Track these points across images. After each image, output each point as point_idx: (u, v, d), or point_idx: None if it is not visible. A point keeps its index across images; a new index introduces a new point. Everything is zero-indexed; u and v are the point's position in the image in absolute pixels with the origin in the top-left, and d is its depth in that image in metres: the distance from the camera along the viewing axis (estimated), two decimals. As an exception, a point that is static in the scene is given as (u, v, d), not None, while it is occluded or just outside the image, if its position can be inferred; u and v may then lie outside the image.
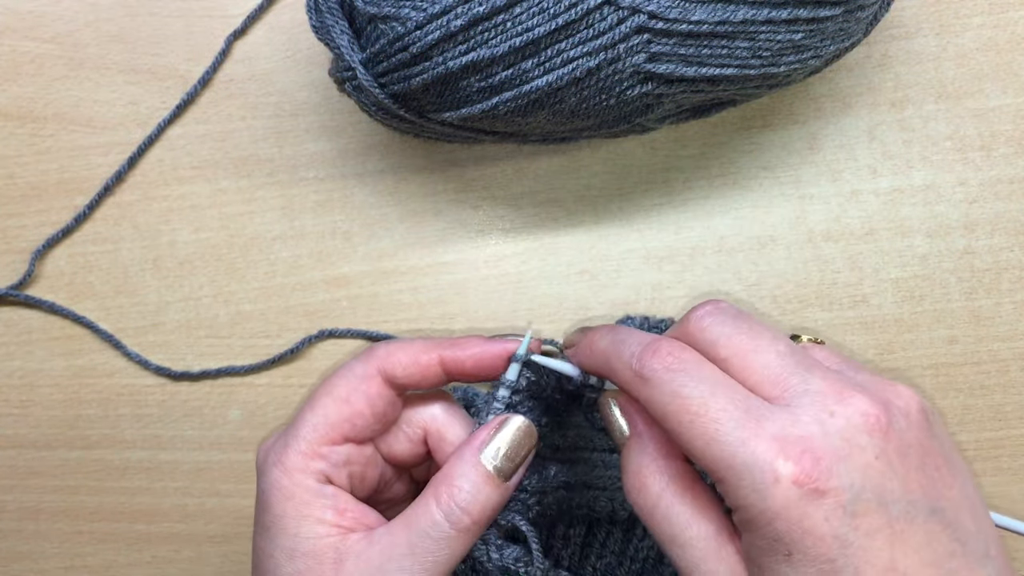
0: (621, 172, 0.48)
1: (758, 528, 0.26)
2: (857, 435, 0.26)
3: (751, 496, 0.25)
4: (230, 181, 0.48)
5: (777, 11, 0.36)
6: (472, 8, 0.36)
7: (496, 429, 0.32)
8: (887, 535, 0.25)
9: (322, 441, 0.32)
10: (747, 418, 0.26)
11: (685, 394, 0.27)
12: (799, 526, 0.25)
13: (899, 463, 0.26)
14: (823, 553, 0.25)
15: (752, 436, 0.26)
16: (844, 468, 0.25)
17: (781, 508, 0.25)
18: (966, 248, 0.46)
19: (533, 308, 0.47)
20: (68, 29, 0.48)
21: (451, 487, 0.31)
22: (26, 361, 0.49)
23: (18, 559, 0.48)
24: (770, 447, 0.25)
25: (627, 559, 0.41)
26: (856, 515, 0.25)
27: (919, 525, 0.26)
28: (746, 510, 0.26)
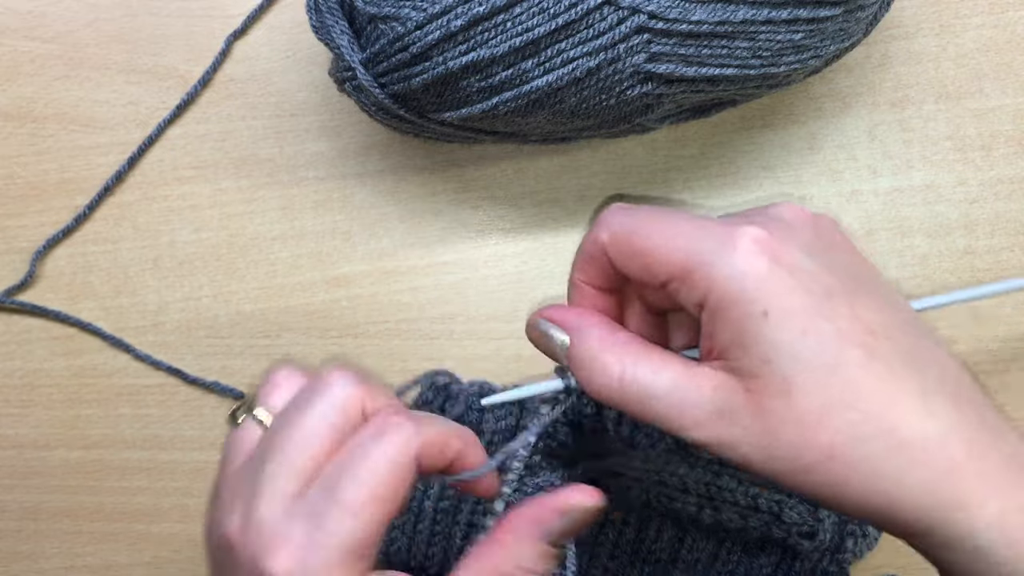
0: (621, 172, 0.48)
1: (731, 298, 0.26)
2: (793, 221, 0.28)
3: (720, 269, 0.26)
4: (230, 181, 0.48)
5: (777, 11, 0.36)
6: (472, 8, 0.36)
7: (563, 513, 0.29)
8: (843, 296, 0.26)
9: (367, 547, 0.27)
10: (702, 219, 0.28)
11: (640, 216, 0.28)
12: (768, 282, 0.26)
13: (830, 248, 0.28)
14: (796, 305, 0.25)
15: (708, 224, 0.27)
16: (792, 236, 0.27)
17: (747, 267, 0.26)
18: (966, 248, 0.46)
19: (533, 308, 0.47)
20: (68, 29, 0.48)
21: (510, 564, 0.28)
22: (26, 361, 0.49)
23: (18, 559, 0.48)
24: (726, 228, 0.27)
25: (639, 560, 0.41)
26: (814, 274, 0.26)
27: (865, 292, 0.27)
28: (715, 286, 0.26)
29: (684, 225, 0.28)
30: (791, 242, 0.27)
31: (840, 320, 0.25)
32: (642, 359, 0.28)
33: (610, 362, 0.28)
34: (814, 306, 0.25)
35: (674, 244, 0.27)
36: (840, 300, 0.26)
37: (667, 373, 0.27)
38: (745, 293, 0.26)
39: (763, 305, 0.25)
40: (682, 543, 0.41)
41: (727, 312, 0.26)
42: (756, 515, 0.38)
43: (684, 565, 0.41)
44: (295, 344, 0.48)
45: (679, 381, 0.27)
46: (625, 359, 0.28)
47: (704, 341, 0.28)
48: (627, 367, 0.28)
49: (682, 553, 0.41)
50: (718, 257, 0.26)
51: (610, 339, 0.29)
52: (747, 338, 0.26)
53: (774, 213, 0.28)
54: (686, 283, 0.27)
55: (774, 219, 0.28)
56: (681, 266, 0.27)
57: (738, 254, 0.26)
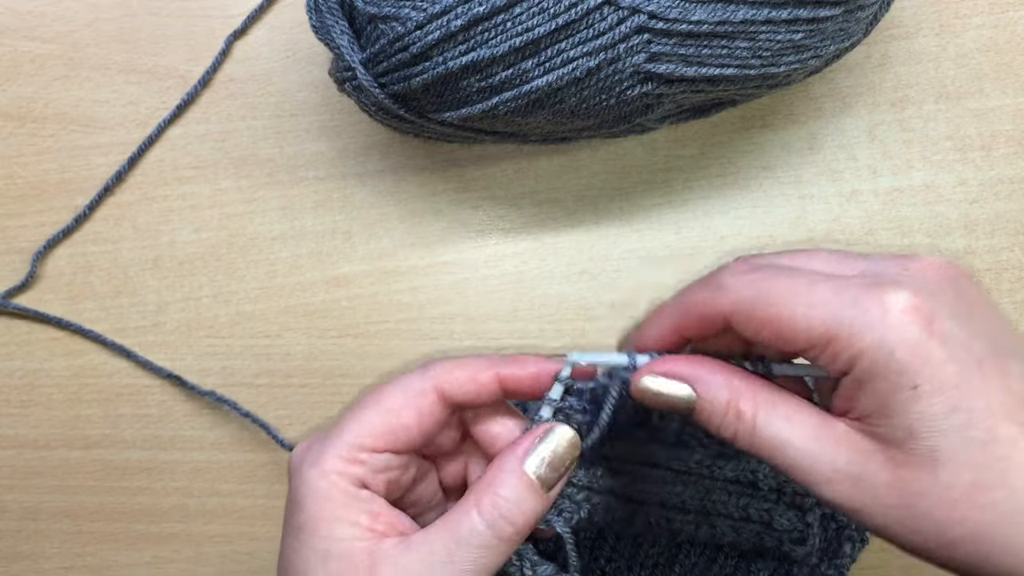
0: (621, 172, 0.48)
1: (879, 368, 0.25)
2: (935, 280, 0.27)
3: (866, 336, 0.25)
4: (230, 181, 0.48)
5: (777, 11, 0.36)
6: (472, 8, 0.36)
7: (540, 438, 0.31)
8: (993, 365, 0.25)
9: (363, 448, 0.31)
10: (835, 279, 0.27)
11: (772, 280, 0.27)
12: (920, 355, 0.25)
13: (972, 308, 0.27)
14: (948, 379, 0.25)
15: (847, 287, 0.26)
16: (939, 301, 0.26)
17: (898, 337, 0.25)
18: (966, 248, 0.46)
19: (533, 308, 0.47)
20: (68, 29, 0.48)
21: (494, 496, 0.30)
22: (26, 361, 0.49)
23: (18, 559, 0.48)
24: (870, 289, 0.26)
25: (637, 565, 0.41)
26: (965, 342, 0.25)
27: (1013, 361, 0.26)
28: (863, 355, 0.25)
29: (822, 291, 0.27)
30: (940, 307, 0.26)
31: (992, 393, 0.25)
32: (777, 406, 0.28)
33: (744, 408, 0.28)
34: (966, 380, 0.25)
35: (814, 313, 0.26)
36: (991, 369, 0.25)
37: (802, 424, 0.27)
38: (894, 365, 0.25)
39: (913, 379, 0.25)
40: (679, 548, 0.41)
41: (874, 383, 0.25)
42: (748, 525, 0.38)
43: (681, 570, 0.41)
44: (295, 344, 0.48)
45: (816, 433, 0.27)
46: (759, 406, 0.28)
47: (841, 402, 0.27)
48: (760, 414, 0.28)
49: (679, 558, 0.41)
50: (866, 326, 0.25)
51: (741, 385, 0.29)
52: (894, 409, 0.25)
53: (917, 271, 0.27)
54: (827, 352, 0.26)
55: (918, 278, 0.27)
56: (823, 335, 0.26)
57: (889, 323, 0.25)
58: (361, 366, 0.47)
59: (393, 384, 0.33)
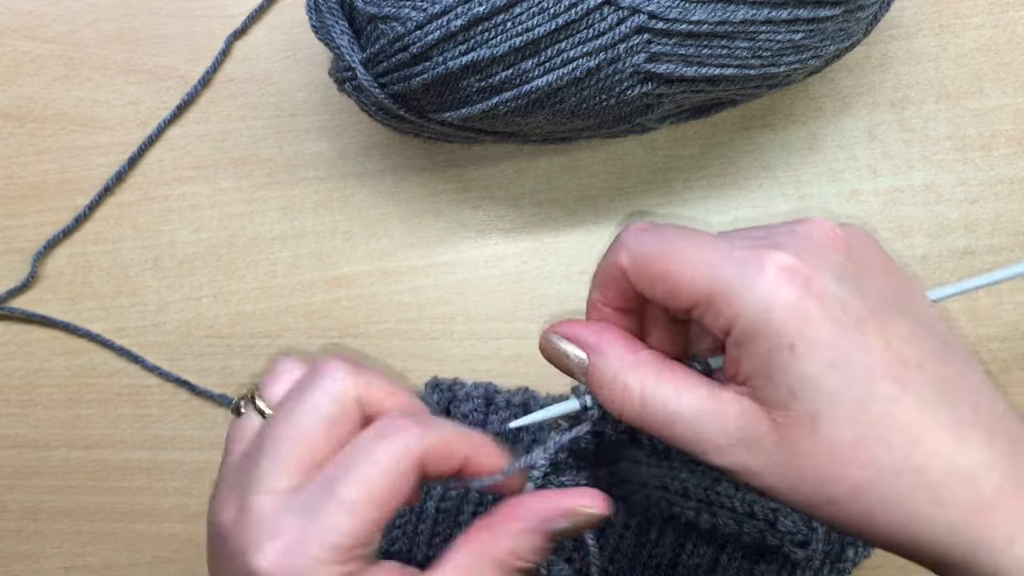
0: (621, 172, 0.48)
1: (757, 329, 0.25)
2: (822, 242, 0.27)
3: (746, 297, 0.25)
4: (230, 181, 0.48)
5: (777, 11, 0.36)
6: (472, 8, 0.36)
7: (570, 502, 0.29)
8: (875, 325, 0.25)
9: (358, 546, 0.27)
10: (725, 241, 0.27)
11: (661, 238, 0.28)
12: (796, 313, 0.25)
13: (862, 269, 0.27)
14: (825, 337, 0.25)
15: (734, 248, 0.26)
16: (822, 261, 0.26)
17: (775, 297, 0.25)
18: (966, 248, 0.46)
19: (533, 308, 0.47)
20: (68, 29, 0.48)
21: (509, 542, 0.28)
22: (26, 361, 0.49)
23: (18, 559, 0.48)
24: (752, 252, 0.26)
25: (639, 565, 0.41)
26: (844, 302, 0.25)
27: (898, 317, 0.26)
28: (741, 314, 0.25)
29: (708, 249, 0.27)
30: (821, 267, 0.26)
31: (871, 351, 0.25)
32: (665, 379, 0.28)
33: (631, 382, 0.28)
34: (844, 337, 0.25)
35: (698, 271, 0.26)
36: (871, 328, 0.25)
37: (690, 395, 0.27)
38: (771, 325, 0.25)
39: (790, 337, 0.25)
40: (682, 548, 0.41)
41: (753, 343, 0.25)
42: (751, 521, 0.38)
43: (684, 570, 0.41)
44: (295, 344, 0.48)
45: (703, 404, 0.27)
46: (647, 379, 0.28)
47: (729, 365, 0.27)
48: (648, 387, 0.28)
49: (682, 558, 0.41)
50: (744, 285, 0.25)
51: (631, 358, 0.28)
52: (773, 370, 0.25)
53: (804, 232, 0.27)
54: (710, 310, 0.26)
55: (803, 240, 0.27)
56: (705, 293, 0.26)
57: (765, 283, 0.25)
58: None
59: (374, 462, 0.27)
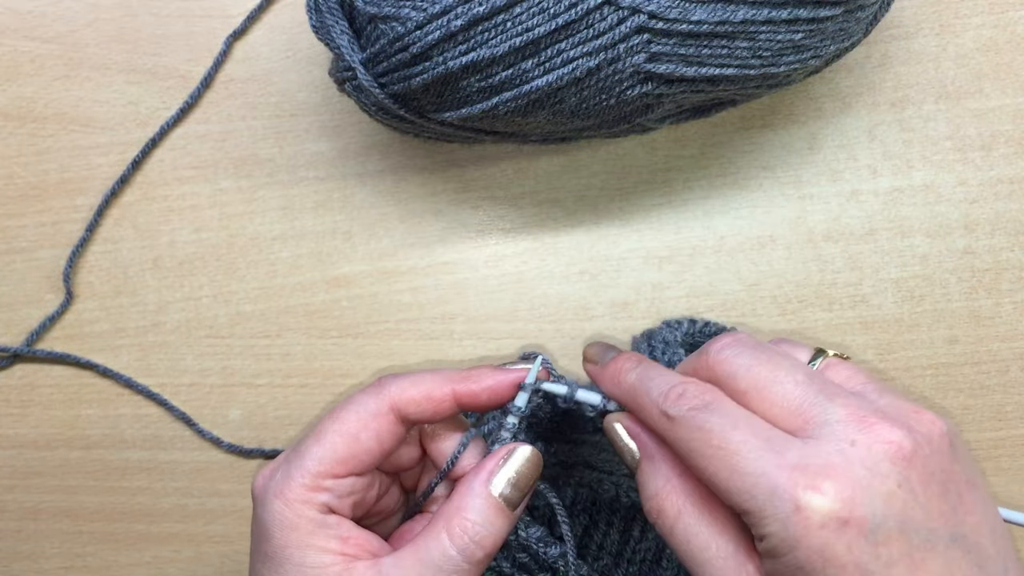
0: (621, 172, 0.48)
1: (780, 556, 0.26)
2: (879, 463, 0.26)
3: (773, 525, 0.26)
4: (230, 181, 0.48)
5: (777, 11, 0.36)
6: (472, 8, 0.36)
7: (504, 459, 0.32)
8: (907, 563, 0.25)
9: (327, 475, 0.31)
10: (768, 449, 0.27)
11: (707, 428, 0.28)
12: (820, 555, 0.25)
13: (921, 491, 0.26)
14: None
15: (773, 467, 0.26)
16: (866, 497, 0.26)
17: (802, 537, 0.25)
18: (966, 248, 0.46)
19: (533, 308, 0.47)
20: (68, 29, 0.48)
21: (463, 520, 0.31)
22: (27, 361, 0.49)
23: (18, 559, 0.48)
24: (791, 476, 0.26)
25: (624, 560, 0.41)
26: (877, 544, 0.25)
27: (939, 552, 0.26)
28: (768, 539, 0.26)
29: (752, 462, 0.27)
30: (864, 502, 0.25)
31: None
32: (701, 520, 0.29)
33: (667, 506, 0.30)
34: None
35: (735, 485, 0.27)
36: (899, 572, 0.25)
37: (718, 549, 0.28)
38: (794, 559, 0.26)
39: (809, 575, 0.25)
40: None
41: (776, 561, 0.26)
42: None
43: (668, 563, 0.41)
44: (295, 344, 0.48)
45: (724, 564, 0.28)
46: (685, 509, 0.29)
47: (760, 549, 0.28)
48: (683, 517, 0.29)
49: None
50: (775, 517, 0.26)
51: (678, 482, 0.30)
52: None
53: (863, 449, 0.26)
54: (743, 515, 0.27)
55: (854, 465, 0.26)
56: (739, 506, 0.27)
57: (795, 518, 0.25)
58: (361, 366, 0.47)
59: (349, 406, 0.32)
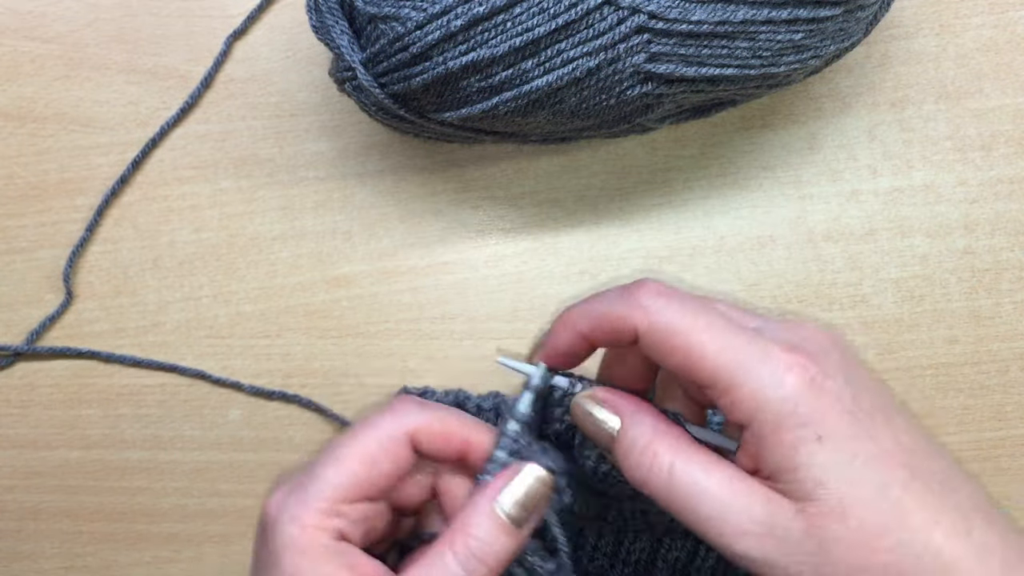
0: (621, 172, 0.48)
1: (782, 421, 0.27)
2: (821, 343, 0.29)
3: (771, 389, 0.27)
4: (230, 181, 0.48)
5: (777, 11, 0.36)
6: (472, 8, 0.36)
7: (510, 477, 0.32)
8: (882, 417, 0.27)
9: (343, 500, 0.31)
10: (744, 328, 0.29)
11: (687, 311, 0.29)
12: (820, 407, 0.26)
13: (854, 369, 0.29)
14: (846, 430, 0.26)
15: (754, 338, 0.28)
16: (829, 362, 0.28)
17: (801, 392, 0.27)
18: (966, 248, 0.46)
19: (533, 308, 0.47)
20: (68, 29, 0.48)
21: (467, 537, 0.30)
22: (26, 361, 0.49)
23: (18, 559, 0.48)
24: (774, 345, 0.28)
25: (619, 562, 0.41)
26: (855, 397, 0.27)
27: (895, 415, 0.28)
28: (767, 406, 0.27)
29: (735, 337, 0.28)
30: (829, 368, 0.28)
31: (884, 442, 0.27)
32: (694, 457, 0.29)
33: (662, 452, 0.29)
34: (860, 429, 0.27)
35: (724, 356, 0.28)
36: (880, 422, 0.27)
37: (719, 476, 0.28)
38: (797, 418, 0.26)
39: (816, 430, 0.26)
40: (660, 543, 0.41)
41: (777, 435, 0.27)
42: None
43: (663, 565, 0.41)
44: (295, 344, 0.48)
45: (732, 485, 0.28)
46: (678, 453, 0.29)
47: (746, 457, 0.28)
48: (678, 461, 0.29)
49: (660, 553, 0.41)
50: (768, 379, 0.27)
51: (664, 428, 0.30)
52: (800, 461, 0.26)
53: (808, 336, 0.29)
54: (728, 396, 0.27)
55: (810, 343, 0.29)
56: (727, 380, 0.27)
57: (788, 378, 0.27)
58: (361, 366, 0.47)
59: (368, 429, 0.32)
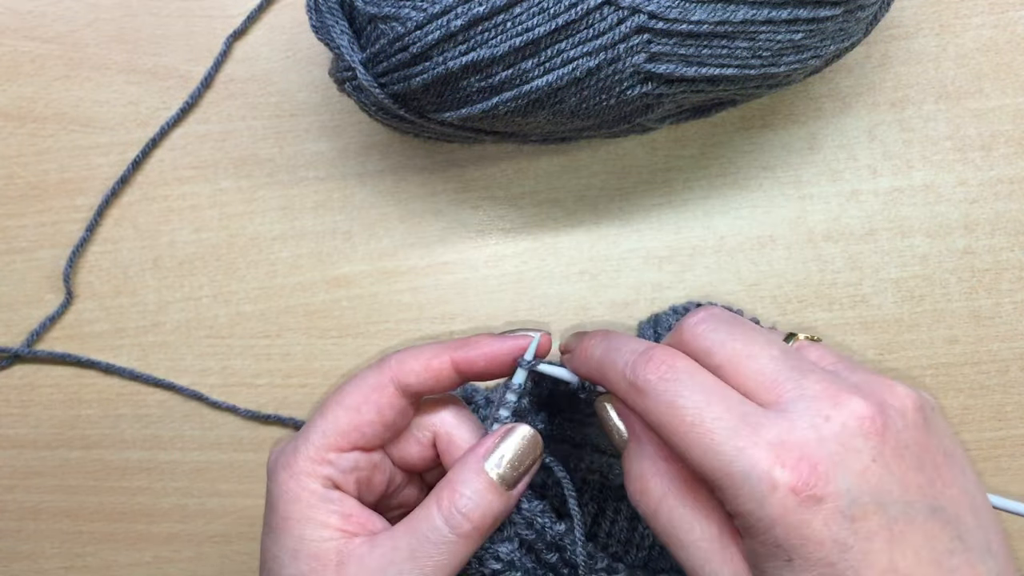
0: (621, 172, 0.48)
1: (758, 535, 0.26)
2: (853, 439, 0.26)
3: (749, 504, 0.26)
4: (230, 181, 0.48)
5: (777, 11, 0.36)
6: (472, 8, 0.36)
7: (501, 437, 0.32)
8: (886, 537, 0.25)
9: (330, 448, 0.32)
10: (743, 426, 0.26)
11: (680, 404, 0.27)
12: (798, 532, 0.25)
13: (896, 464, 0.26)
14: (823, 557, 0.25)
15: (749, 444, 0.26)
16: (840, 473, 0.25)
17: (779, 516, 0.25)
18: (966, 248, 0.46)
19: (533, 308, 0.47)
20: (68, 29, 0.48)
21: (453, 492, 0.31)
22: (26, 361, 0.49)
23: (18, 559, 0.48)
24: (767, 455, 0.26)
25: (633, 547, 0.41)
26: (854, 519, 0.25)
27: (918, 525, 0.26)
28: (745, 517, 0.26)
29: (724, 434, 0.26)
30: (838, 475, 0.25)
31: (876, 566, 0.25)
32: (686, 502, 0.29)
33: (653, 488, 0.29)
34: (843, 557, 0.25)
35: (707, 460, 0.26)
36: (877, 547, 0.25)
37: (701, 532, 0.28)
38: (771, 538, 0.26)
39: (788, 553, 0.25)
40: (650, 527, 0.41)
41: (755, 540, 0.26)
42: None
43: None
44: (295, 344, 0.48)
45: (711, 546, 0.28)
46: (669, 493, 0.29)
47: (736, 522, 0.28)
48: (667, 500, 0.29)
49: None
50: (749, 494, 0.26)
51: (663, 464, 0.30)
52: (769, 573, 0.26)
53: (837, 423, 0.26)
54: (716, 492, 0.27)
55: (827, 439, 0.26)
56: (712, 480, 0.27)
57: (771, 498, 0.25)
58: (361, 366, 0.47)
59: (352, 381, 0.33)
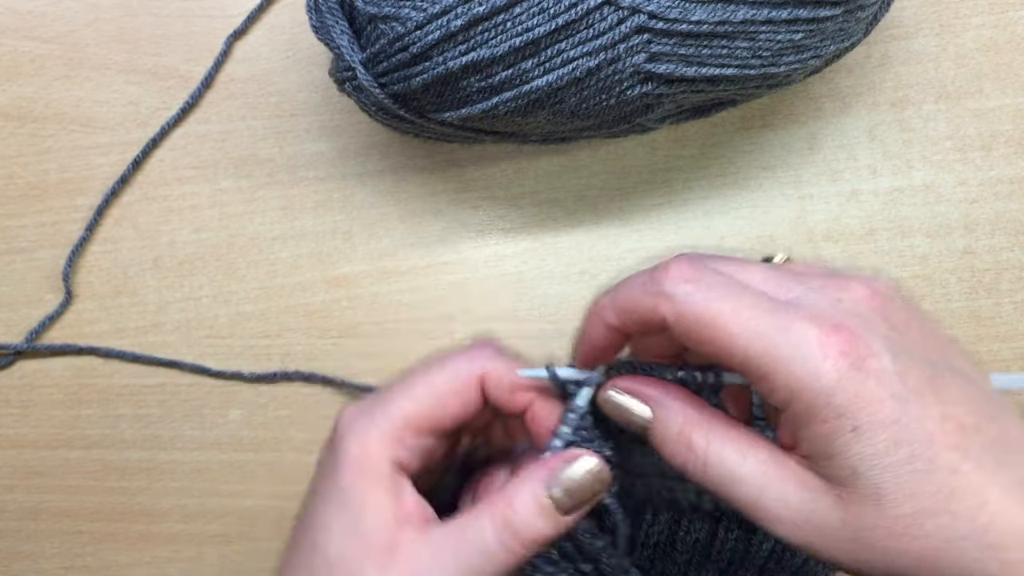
0: (621, 172, 0.48)
1: (817, 411, 0.26)
2: (869, 313, 0.27)
3: (804, 378, 0.26)
4: (230, 181, 0.48)
5: (777, 11, 0.36)
6: (472, 8, 0.36)
7: (568, 463, 0.31)
8: (931, 388, 0.26)
9: (408, 430, 0.31)
10: (777, 309, 0.27)
11: (715, 297, 0.27)
12: (858, 395, 0.25)
13: (906, 332, 0.27)
14: (887, 416, 0.25)
15: (789, 322, 0.26)
16: (873, 337, 0.26)
17: (836, 382, 0.25)
18: (966, 248, 0.46)
19: (533, 308, 0.47)
20: (68, 29, 0.48)
21: (508, 508, 0.30)
22: (26, 361, 0.49)
23: (18, 559, 0.48)
24: (810, 327, 0.26)
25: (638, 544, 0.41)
26: (900, 374, 0.26)
27: (949, 379, 0.26)
28: (801, 395, 0.26)
29: (764, 320, 0.27)
30: (873, 342, 0.26)
31: (930, 422, 0.25)
32: (729, 439, 0.28)
33: (696, 439, 0.29)
34: (904, 413, 0.25)
35: (754, 345, 0.26)
36: (929, 399, 0.26)
37: (754, 459, 0.28)
38: (832, 408, 0.25)
39: (853, 420, 0.25)
40: (679, 524, 0.41)
41: (813, 424, 0.26)
42: None
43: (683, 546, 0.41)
44: (295, 344, 0.48)
45: (766, 469, 0.27)
46: (712, 437, 0.28)
47: (785, 436, 0.28)
48: (712, 446, 0.28)
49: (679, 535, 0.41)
50: (802, 367, 0.26)
51: (695, 413, 0.29)
52: (836, 450, 0.26)
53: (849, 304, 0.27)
54: (764, 383, 0.27)
55: (851, 314, 0.27)
56: (759, 367, 0.26)
57: (824, 366, 0.25)
58: (361, 366, 0.47)
59: (444, 366, 0.33)
